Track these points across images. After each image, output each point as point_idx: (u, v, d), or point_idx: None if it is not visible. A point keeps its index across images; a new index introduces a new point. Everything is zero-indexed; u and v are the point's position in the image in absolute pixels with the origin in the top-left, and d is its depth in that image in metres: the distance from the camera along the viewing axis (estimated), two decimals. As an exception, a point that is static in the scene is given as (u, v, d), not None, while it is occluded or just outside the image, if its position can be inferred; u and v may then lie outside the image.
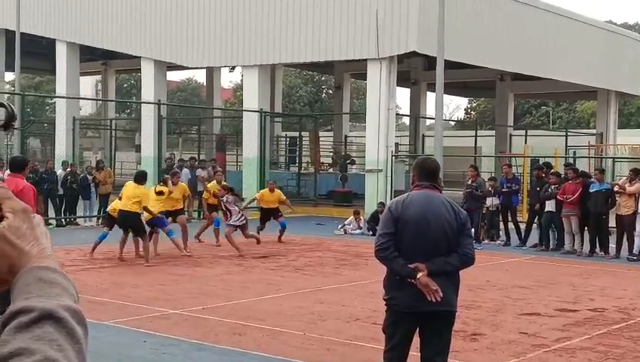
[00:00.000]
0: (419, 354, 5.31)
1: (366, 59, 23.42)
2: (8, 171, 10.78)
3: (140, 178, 13.75)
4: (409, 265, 5.06)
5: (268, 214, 17.63)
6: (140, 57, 27.78)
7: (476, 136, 32.48)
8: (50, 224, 17.82)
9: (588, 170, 17.31)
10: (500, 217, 17.72)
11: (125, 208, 13.20)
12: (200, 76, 63.14)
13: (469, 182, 17.05)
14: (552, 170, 17.86)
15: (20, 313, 0.97)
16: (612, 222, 16.04)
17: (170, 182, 14.87)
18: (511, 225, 17.72)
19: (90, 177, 20.45)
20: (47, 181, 19.44)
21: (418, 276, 5.01)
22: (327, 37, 23.85)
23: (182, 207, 15.59)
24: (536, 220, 17.21)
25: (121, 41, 27.89)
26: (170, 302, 9.81)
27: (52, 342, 0.94)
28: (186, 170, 22.35)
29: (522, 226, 17.62)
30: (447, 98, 57.41)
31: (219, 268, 12.91)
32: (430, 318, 5.13)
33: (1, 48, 30.01)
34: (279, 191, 18.21)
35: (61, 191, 19.73)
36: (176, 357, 7.31)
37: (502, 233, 17.76)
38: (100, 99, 42.47)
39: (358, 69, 30.49)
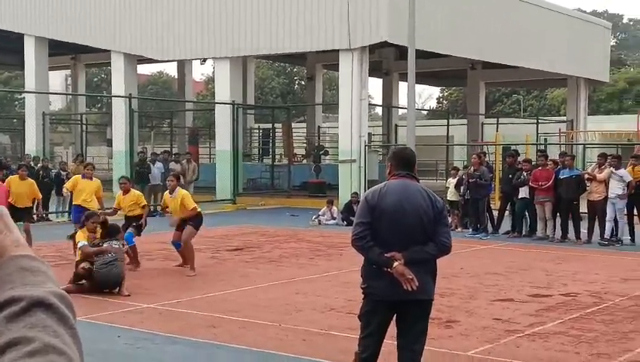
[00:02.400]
0: (395, 342, 5.34)
1: (338, 50, 23.40)
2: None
3: None
4: (385, 254, 5.07)
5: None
6: (109, 51, 27.51)
7: (448, 125, 32.64)
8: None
9: (559, 156, 17.41)
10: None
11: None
12: (171, 69, 62.78)
13: (472, 170, 17.04)
14: (524, 158, 17.96)
15: (8, 303, 0.95)
16: (584, 208, 16.21)
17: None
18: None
19: (64, 173, 20.24)
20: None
21: (394, 265, 5.03)
22: (298, 28, 23.79)
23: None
24: (508, 207, 17.36)
25: (90, 35, 27.60)
26: (144, 296, 9.75)
27: (47, 329, 0.93)
28: (159, 164, 22.25)
29: (495, 214, 17.76)
30: (419, 87, 57.57)
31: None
32: (407, 307, 5.15)
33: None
34: (138, 192, 13.43)
35: None
36: (150, 352, 7.28)
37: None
38: (69, 94, 42.04)
39: (330, 60, 30.49)
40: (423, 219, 5.14)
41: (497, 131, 31.40)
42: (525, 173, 16.40)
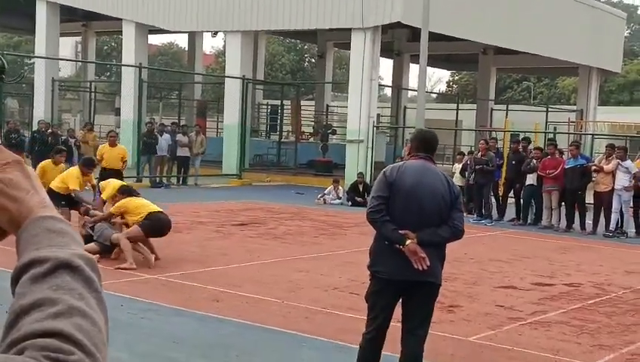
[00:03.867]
0: (400, 325, 5.34)
1: (350, 29, 23.28)
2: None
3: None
4: (399, 231, 5.06)
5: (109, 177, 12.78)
6: (121, 19, 27.40)
7: (457, 109, 32.52)
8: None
9: (567, 146, 17.37)
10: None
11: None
12: (181, 41, 62.59)
13: (479, 155, 16.98)
14: (535, 145, 17.89)
15: (33, 264, 0.94)
16: (590, 199, 16.18)
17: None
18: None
19: (72, 140, 20.27)
20: (39, 141, 19.40)
21: (407, 243, 5.00)
22: (311, 5, 23.65)
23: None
24: (512, 194, 17.36)
25: (102, 2, 27.49)
26: (147, 266, 9.77)
27: (72, 291, 0.91)
28: (166, 136, 22.23)
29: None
30: (429, 70, 57.34)
31: (197, 234, 12.87)
32: (414, 289, 5.12)
33: (-20, 6, 29.49)
34: (124, 147, 14.42)
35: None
36: (154, 322, 7.31)
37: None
38: (80, 61, 41.94)
39: (341, 39, 30.32)
40: (439, 203, 5.12)
41: (507, 118, 31.28)
42: (535, 161, 16.37)
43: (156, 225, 10.04)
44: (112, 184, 11.25)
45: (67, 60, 41.74)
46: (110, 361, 0.96)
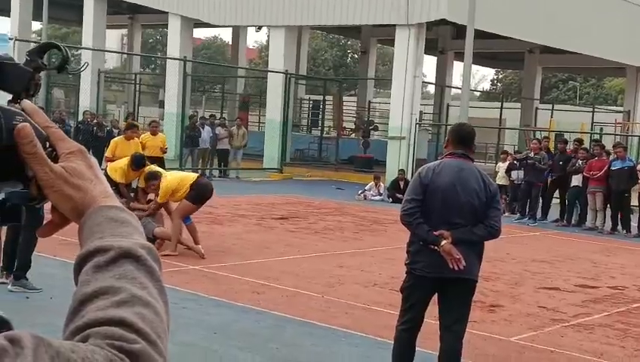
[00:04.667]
0: (438, 322, 5.31)
1: (394, 25, 23.16)
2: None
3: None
4: (434, 232, 5.05)
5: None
6: (167, 13, 27.65)
7: (502, 108, 32.17)
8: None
9: (612, 147, 17.05)
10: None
11: None
12: (225, 35, 62.93)
13: (532, 154, 16.75)
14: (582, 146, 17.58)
15: (96, 252, 0.94)
16: (635, 201, 15.89)
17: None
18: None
19: (116, 131, 20.52)
20: (84, 132, 19.71)
21: (442, 243, 5.01)
22: (355, 1, 23.58)
23: None
24: (556, 195, 17.11)
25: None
26: (189, 258, 9.84)
27: (134, 281, 0.91)
28: (207, 128, 22.40)
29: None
30: (473, 68, 56.81)
31: (238, 227, 12.93)
32: (450, 285, 5.13)
33: (29, -2, 29.97)
34: (164, 136, 14.36)
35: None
36: (195, 312, 7.35)
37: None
38: (126, 53, 42.42)
39: (385, 35, 30.23)
40: (474, 202, 5.10)
41: (552, 117, 30.89)
42: (581, 162, 16.11)
43: (202, 192, 9.96)
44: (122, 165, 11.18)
45: (113, 52, 42.24)
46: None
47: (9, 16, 30.93)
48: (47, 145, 1.01)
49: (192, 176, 10.31)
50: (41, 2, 26.31)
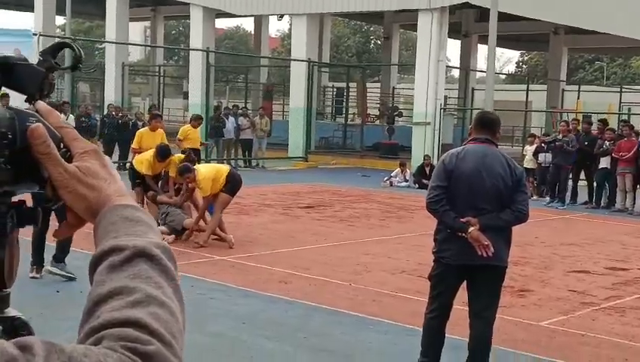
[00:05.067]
0: (467, 308, 5.28)
1: (417, 10, 22.99)
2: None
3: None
4: (461, 219, 5.00)
5: None
6: (188, 4, 27.67)
7: (527, 90, 31.85)
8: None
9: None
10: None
11: None
12: (248, 24, 62.96)
13: (560, 136, 16.53)
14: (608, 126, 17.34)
15: (111, 252, 0.93)
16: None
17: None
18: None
19: (140, 123, 20.61)
20: (109, 126, 19.83)
21: (470, 230, 4.97)
22: (377, -14, 23.43)
23: None
24: (583, 176, 16.91)
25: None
26: (216, 248, 9.88)
27: (149, 280, 0.90)
28: (231, 118, 22.44)
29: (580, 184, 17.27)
30: (498, 51, 56.26)
31: (264, 217, 12.95)
32: (479, 272, 5.10)
33: (53, -7, 30.12)
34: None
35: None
36: (223, 303, 7.38)
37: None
38: (148, 45, 42.63)
39: (407, 20, 30.02)
40: (500, 187, 5.06)
41: (579, 99, 30.54)
42: (608, 143, 15.91)
43: (235, 184, 10.11)
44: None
45: (136, 45, 42.47)
46: (181, 341, 0.94)
47: (33, 11, 31.13)
48: (62, 146, 1.01)
49: (225, 168, 10.43)
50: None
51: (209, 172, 10.08)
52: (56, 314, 6.51)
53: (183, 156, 11.25)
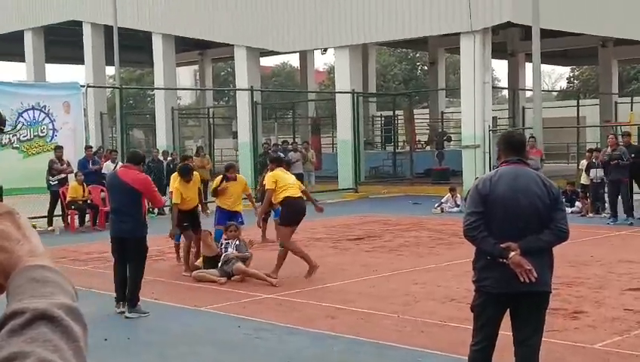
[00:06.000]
0: (511, 334, 5.14)
1: (459, 33, 22.90)
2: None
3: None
4: (500, 245, 4.87)
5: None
6: (232, 45, 28.12)
7: (578, 105, 31.32)
8: (153, 213, 18.19)
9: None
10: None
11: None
12: (294, 60, 63.56)
13: (610, 150, 16.13)
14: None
15: (12, 316, 0.93)
16: None
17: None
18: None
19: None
20: (155, 170, 20.11)
21: (510, 255, 4.83)
22: (417, 12, 23.45)
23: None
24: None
25: (213, 29, 28.30)
26: (263, 286, 9.87)
27: (46, 343, 0.90)
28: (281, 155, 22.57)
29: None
30: (548, 68, 55.59)
31: (313, 251, 12.87)
32: (523, 299, 4.94)
33: (101, 44, 30.95)
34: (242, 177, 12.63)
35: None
36: (269, 342, 7.34)
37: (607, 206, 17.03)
38: (194, 88, 43.46)
39: (452, 44, 29.87)
40: (538, 207, 4.92)
41: (632, 111, 29.86)
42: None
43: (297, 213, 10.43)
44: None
45: (182, 89, 43.25)
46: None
47: (83, 63, 32.02)
48: None
49: (292, 187, 10.40)
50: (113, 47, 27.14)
51: (279, 175, 10.38)
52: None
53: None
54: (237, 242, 10.45)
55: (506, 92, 45.00)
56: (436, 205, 19.04)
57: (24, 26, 33.19)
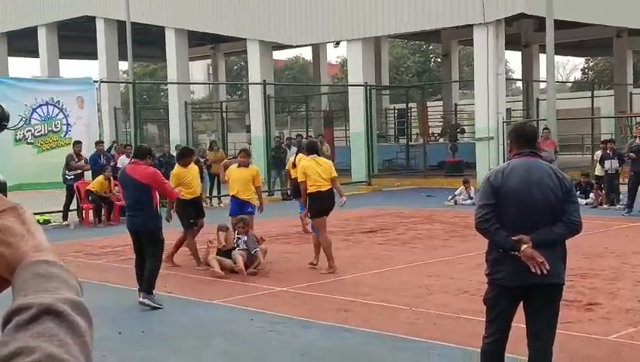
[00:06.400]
0: (525, 326, 5.12)
1: (472, 25, 22.79)
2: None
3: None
4: (512, 237, 4.85)
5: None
6: (245, 39, 28.12)
7: (592, 96, 31.12)
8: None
9: None
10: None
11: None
12: (307, 54, 63.50)
13: (638, 141, 15.85)
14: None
15: (18, 311, 0.94)
16: None
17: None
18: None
19: (202, 159, 20.93)
20: (166, 165, 20.09)
21: (522, 248, 4.81)
22: (430, 4, 23.36)
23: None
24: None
25: (225, 24, 28.31)
26: (277, 279, 9.89)
27: (52, 338, 0.90)
28: (294, 148, 22.56)
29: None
30: (563, 59, 55.24)
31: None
32: (536, 292, 4.92)
33: (114, 39, 31.06)
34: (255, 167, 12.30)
35: None
36: (282, 335, 7.36)
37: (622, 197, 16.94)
38: (206, 83, 43.52)
39: (465, 36, 29.73)
40: (551, 199, 4.89)
41: (646, 101, 29.64)
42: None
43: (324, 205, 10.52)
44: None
45: (194, 84, 43.31)
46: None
47: (97, 59, 32.14)
48: None
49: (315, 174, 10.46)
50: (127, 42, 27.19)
51: (309, 163, 10.54)
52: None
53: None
54: (245, 238, 10.45)
55: (519, 83, 44.78)
56: (449, 197, 19.00)
57: (38, 22, 33.35)
